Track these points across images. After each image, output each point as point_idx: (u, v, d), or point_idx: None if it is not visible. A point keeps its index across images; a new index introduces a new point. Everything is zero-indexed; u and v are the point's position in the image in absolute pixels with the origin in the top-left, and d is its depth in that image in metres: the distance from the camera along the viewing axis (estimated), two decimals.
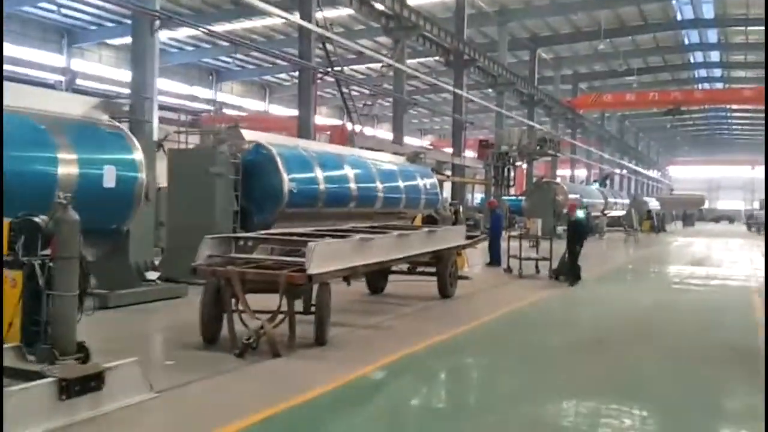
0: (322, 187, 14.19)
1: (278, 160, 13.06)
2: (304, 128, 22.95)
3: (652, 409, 6.02)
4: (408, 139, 62.66)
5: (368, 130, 54.29)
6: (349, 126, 25.90)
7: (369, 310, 10.58)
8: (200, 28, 23.62)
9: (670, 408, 6.12)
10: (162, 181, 14.27)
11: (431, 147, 40.29)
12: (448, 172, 32.52)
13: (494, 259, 18.04)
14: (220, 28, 38.21)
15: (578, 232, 15.26)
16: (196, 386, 6.31)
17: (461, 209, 19.99)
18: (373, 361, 7.15)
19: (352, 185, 15.29)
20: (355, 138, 22.13)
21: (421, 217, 16.84)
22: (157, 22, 16.90)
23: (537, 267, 16.51)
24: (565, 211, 25.15)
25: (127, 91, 21.33)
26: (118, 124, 10.75)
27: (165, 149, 15.70)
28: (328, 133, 31.24)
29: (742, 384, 6.94)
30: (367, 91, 30.78)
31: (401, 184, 17.61)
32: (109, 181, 9.59)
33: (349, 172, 15.39)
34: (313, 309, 7.78)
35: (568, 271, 14.83)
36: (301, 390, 6.11)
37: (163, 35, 41.16)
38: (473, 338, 9.05)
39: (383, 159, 18.21)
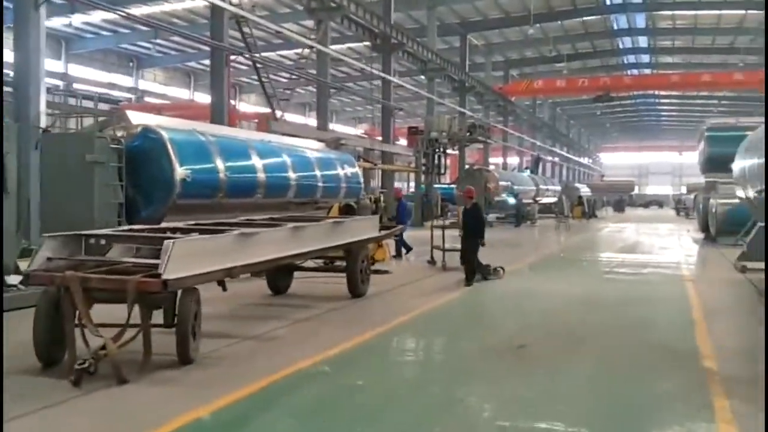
0: (222, 175, 12.74)
1: (169, 145, 11.56)
2: (217, 114, 21.42)
3: None
4: (343, 128, 61.57)
5: (300, 118, 53.01)
6: (272, 111, 24.47)
7: (263, 315, 9.25)
8: (116, 11, 21.69)
9: None
10: None
11: (365, 135, 39.12)
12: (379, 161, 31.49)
13: (398, 252, 16.97)
14: (137, 11, 36.14)
15: (477, 222, 13.43)
16: (13, 426, 4.91)
17: (382, 198, 18.80)
18: (241, 386, 5.81)
19: (260, 173, 13.89)
20: (273, 124, 20.65)
21: (338, 207, 15.55)
22: None
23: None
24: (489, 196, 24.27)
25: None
26: None
27: None
28: (257, 120, 29.64)
29: (684, 403, 5.87)
30: (295, 77, 29.26)
31: (318, 171, 16.29)
32: None
33: (256, 158, 13.98)
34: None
35: (475, 268, 13.15)
36: (136, 430, 4.79)
37: (77, 19, 38.94)
38: (377, 347, 7.80)
39: (299, 145, 16.83)
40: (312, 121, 47.30)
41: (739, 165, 13.46)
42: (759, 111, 52.65)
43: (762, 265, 14.62)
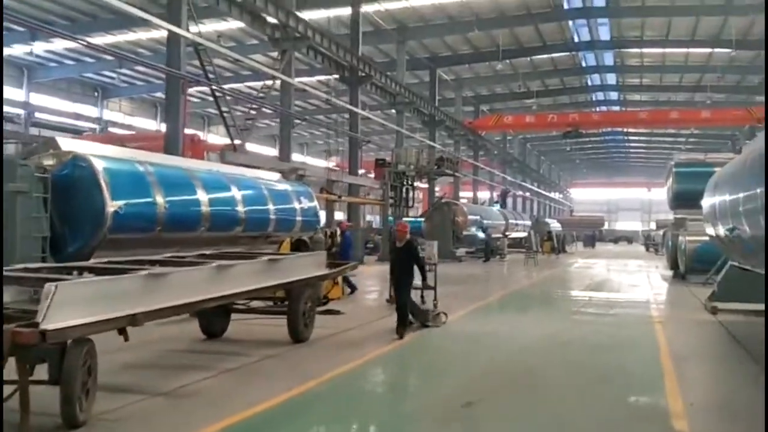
0: (161, 207, 11.80)
1: (100, 174, 10.61)
2: (171, 143, 20.50)
3: None
4: (314, 160, 60.86)
5: (269, 150, 52.13)
6: (231, 141, 23.64)
7: (187, 365, 8.28)
8: (78, 41, 20.78)
9: None
10: None
11: (336, 168, 38.44)
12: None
13: (351, 288, 16.18)
14: (101, 40, 35.39)
15: (411, 262, 11.08)
16: None
17: (338, 232, 17.98)
18: None
19: (204, 206, 12.98)
20: (229, 154, 19.80)
21: (290, 242, 14.65)
22: None
23: (423, 297, 14.64)
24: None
25: None
26: None
27: None
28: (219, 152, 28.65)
29: None
30: (262, 108, 28.57)
31: (271, 204, 15.41)
32: None
33: (200, 190, 13.07)
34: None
35: (411, 314, 11.37)
36: None
37: (39, 47, 37.94)
38: (303, 407, 6.77)
39: (253, 176, 15.94)
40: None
41: (708, 202, 12.89)
42: (726, 148, 53.33)
43: (734, 306, 14.08)
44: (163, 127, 51.80)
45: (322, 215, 27.92)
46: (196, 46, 22.51)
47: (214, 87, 23.30)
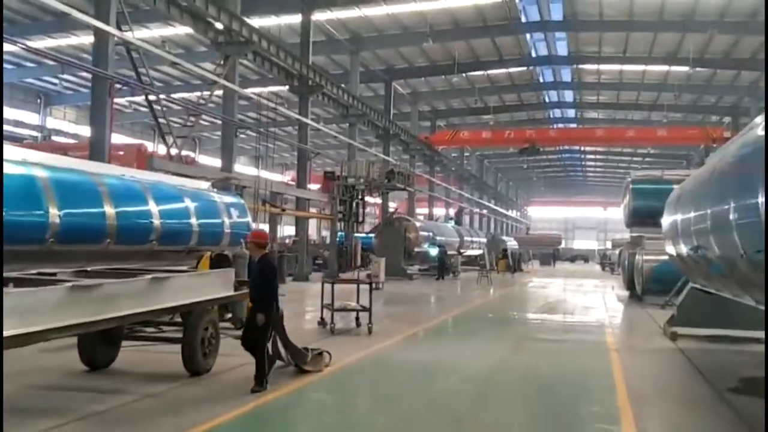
0: (53, 217, 10.26)
1: None
2: (97, 149, 18.88)
3: None
4: (268, 174, 59.05)
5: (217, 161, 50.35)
6: (167, 150, 22.13)
7: (45, 407, 6.69)
8: (16, 43, 19.02)
9: None
10: None
11: (292, 182, 36.88)
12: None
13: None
14: (41, 44, 33.51)
15: (266, 284, 8.05)
16: None
17: (270, 247, 16.51)
18: None
19: (110, 216, 11.44)
20: (156, 161, 18.24)
21: (209, 258, 13.16)
22: None
23: (357, 319, 13.30)
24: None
25: None
26: None
27: None
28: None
29: None
30: (200, 114, 27.03)
31: (194, 215, 13.92)
32: None
33: (106, 198, 11.53)
34: None
35: (272, 357, 8.42)
36: None
37: None
38: None
39: (172, 184, 14.41)
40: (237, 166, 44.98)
41: (668, 219, 11.83)
42: (681, 168, 53.29)
43: (696, 331, 13.02)
44: (113, 137, 49.96)
45: (265, 229, 26.50)
46: (127, 47, 20.98)
47: (147, 91, 21.78)
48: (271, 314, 7.86)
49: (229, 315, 11.84)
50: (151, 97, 22.68)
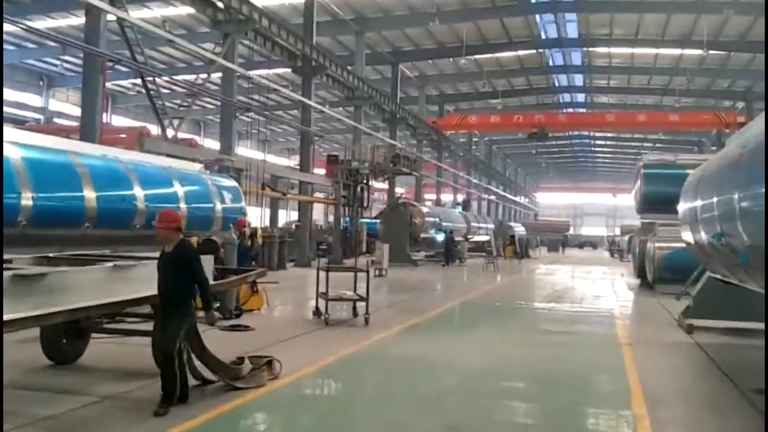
0: (27, 199, 9.61)
1: None
2: (88, 128, 18.25)
3: None
4: (275, 158, 58.24)
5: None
6: (163, 131, 21.45)
7: None
8: (17, 24, 18.35)
9: None
10: None
11: (296, 167, 36.16)
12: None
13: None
14: (41, 24, 32.80)
15: (187, 278, 6.52)
16: None
17: (258, 232, 15.84)
18: None
19: (89, 199, 10.77)
20: (147, 141, 17.55)
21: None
22: None
23: (354, 309, 12.61)
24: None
25: None
26: None
27: None
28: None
29: None
30: (196, 93, 26.26)
31: (182, 197, 13.24)
32: None
33: (86, 180, 10.86)
34: None
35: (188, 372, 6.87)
36: None
37: None
38: None
39: (159, 165, 13.67)
40: (241, 150, 44.38)
41: (686, 205, 11.03)
42: (694, 153, 52.25)
43: (713, 323, 12.28)
44: (115, 120, 49.40)
45: (265, 214, 25.82)
46: (121, 24, 20.26)
47: (141, 70, 21.06)
48: (187, 316, 6.47)
49: (217, 304, 11.14)
50: (148, 78, 21.98)
